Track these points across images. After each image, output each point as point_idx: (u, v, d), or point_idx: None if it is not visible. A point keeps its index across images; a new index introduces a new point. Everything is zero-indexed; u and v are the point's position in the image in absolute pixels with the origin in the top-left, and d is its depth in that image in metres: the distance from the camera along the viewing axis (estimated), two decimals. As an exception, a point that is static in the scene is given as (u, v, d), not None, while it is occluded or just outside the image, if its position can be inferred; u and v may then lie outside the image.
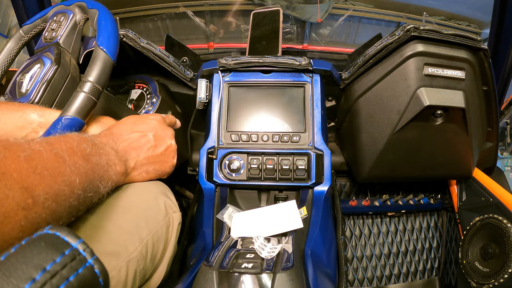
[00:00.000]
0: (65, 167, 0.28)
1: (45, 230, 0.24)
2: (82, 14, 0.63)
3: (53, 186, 0.26)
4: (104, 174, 0.35)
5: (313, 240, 0.62)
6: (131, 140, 0.44)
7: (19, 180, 0.23)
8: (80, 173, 0.29)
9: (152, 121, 0.48)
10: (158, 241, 0.54)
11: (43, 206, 0.24)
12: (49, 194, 0.25)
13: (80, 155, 0.31)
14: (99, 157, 0.34)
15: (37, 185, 0.24)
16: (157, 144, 0.47)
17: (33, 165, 0.24)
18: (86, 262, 0.24)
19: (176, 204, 0.60)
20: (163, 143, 0.48)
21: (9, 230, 0.22)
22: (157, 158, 0.47)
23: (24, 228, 0.23)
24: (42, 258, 0.22)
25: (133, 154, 0.43)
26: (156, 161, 0.47)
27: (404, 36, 0.72)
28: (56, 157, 0.27)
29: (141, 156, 0.44)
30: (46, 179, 0.25)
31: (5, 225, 0.21)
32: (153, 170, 0.47)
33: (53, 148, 0.28)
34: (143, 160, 0.45)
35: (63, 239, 0.24)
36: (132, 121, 0.46)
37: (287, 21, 1.94)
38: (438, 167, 0.90)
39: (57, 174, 0.26)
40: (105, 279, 0.25)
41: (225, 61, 0.80)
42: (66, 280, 0.22)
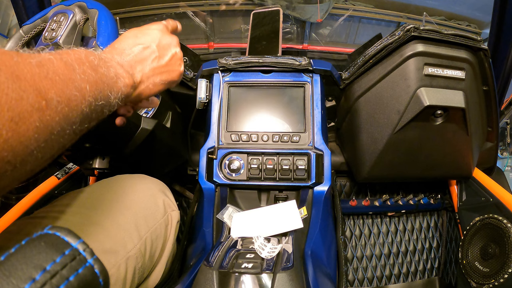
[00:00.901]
0: (75, 74, 0.29)
1: (45, 230, 0.24)
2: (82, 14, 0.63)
3: (65, 91, 0.26)
4: (113, 85, 0.35)
5: (313, 240, 0.62)
6: (135, 53, 0.43)
7: (32, 83, 0.23)
8: (90, 81, 0.30)
9: (154, 31, 0.47)
10: (157, 239, 0.54)
11: (56, 109, 0.25)
12: (61, 98, 0.26)
13: (88, 65, 0.31)
14: (107, 69, 0.35)
15: (50, 89, 0.25)
16: (162, 54, 0.46)
17: (45, 70, 0.25)
18: (86, 262, 0.24)
19: (175, 203, 0.61)
20: (168, 52, 0.47)
21: (24, 130, 0.22)
22: (163, 68, 0.46)
23: (39, 129, 0.24)
24: (42, 258, 0.22)
25: (139, 68, 0.43)
26: (163, 71, 0.46)
27: (404, 36, 0.72)
28: (66, 65, 0.28)
29: (146, 69, 0.44)
30: (57, 84, 0.26)
31: (20, 125, 0.22)
32: (159, 81, 0.46)
33: (62, 57, 0.29)
34: (149, 72, 0.44)
35: (63, 239, 0.24)
36: (133, 34, 0.45)
37: (287, 21, 1.94)
38: (438, 167, 0.90)
39: (68, 80, 0.27)
40: (105, 279, 0.25)
41: (225, 61, 0.80)
42: (66, 280, 0.22)
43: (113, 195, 0.52)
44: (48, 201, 0.79)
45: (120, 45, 0.44)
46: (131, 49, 0.43)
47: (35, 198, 0.79)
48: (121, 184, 0.55)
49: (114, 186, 0.54)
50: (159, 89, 0.47)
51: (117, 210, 0.49)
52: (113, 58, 0.39)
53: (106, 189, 0.53)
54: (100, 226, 0.46)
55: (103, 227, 0.46)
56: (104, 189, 0.53)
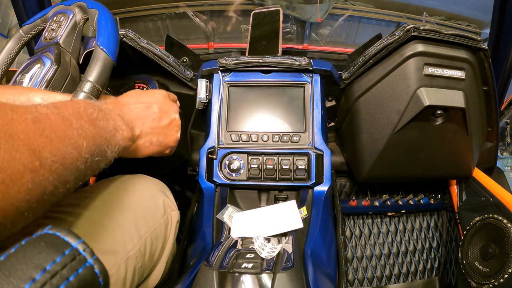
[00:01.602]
0: (72, 130, 0.28)
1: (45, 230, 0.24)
2: (82, 14, 0.63)
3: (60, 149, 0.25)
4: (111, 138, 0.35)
5: (313, 240, 0.62)
6: (137, 109, 0.44)
7: (26, 142, 0.22)
8: (87, 137, 0.29)
9: (157, 95, 0.48)
10: (157, 239, 0.54)
11: (50, 169, 0.24)
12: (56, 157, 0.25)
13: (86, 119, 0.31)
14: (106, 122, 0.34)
15: (44, 148, 0.24)
16: (162, 117, 0.47)
17: (41, 127, 0.24)
18: (86, 262, 0.24)
19: (175, 203, 0.61)
20: (167, 116, 0.49)
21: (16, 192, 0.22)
22: (161, 130, 0.47)
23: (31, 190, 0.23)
24: (42, 258, 0.22)
25: (139, 123, 0.44)
26: (160, 132, 0.47)
27: (404, 36, 0.72)
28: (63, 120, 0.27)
29: (146, 126, 0.45)
30: (53, 141, 0.25)
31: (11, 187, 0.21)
32: (156, 141, 0.47)
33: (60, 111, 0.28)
34: (148, 130, 0.45)
35: (63, 239, 0.24)
36: (137, 93, 0.47)
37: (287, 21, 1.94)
38: (438, 167, 0.90)
39: (64, 137, 0.26)
40: (105, 279, 0.25)
41: (225, 61, 0.80)
42: (66, 280, 0.22)
43: (113, 195, 0.52)
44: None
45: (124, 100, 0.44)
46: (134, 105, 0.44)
47: (35, 198, 0.78)
48: (121, 184, 0.55)
49: (114, 186, 0.54)
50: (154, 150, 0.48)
51: (117, 210, 0.49)
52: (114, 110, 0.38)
53: (106, 189, 0.53)
54: (100, 226, 0.46)
55: (103, 227, 0.46)
56: (104, 189, 0.53)
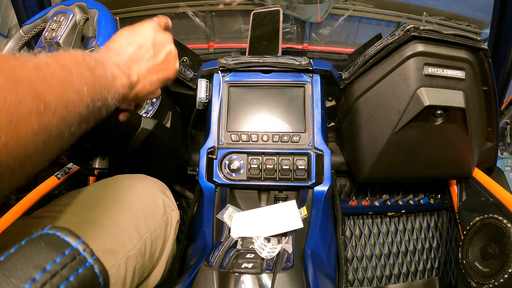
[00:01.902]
0: (73, 76, 0.29)
1: (45, 230, 0.24)
2: (82, 14, 0.63)
3: (62, 93, 0.27)
4: (110, 86, 0.35)
5: (313, 240, 0.62)
6: (130, 53, 0.43)
7: (30, 86, 0.23)
8: (87, 83, 0.30)
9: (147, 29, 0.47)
10: (157, 239, 0.54)
11: (54, 112, 0.25)
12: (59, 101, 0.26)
13: (85, 67, 0.31)
14: (104, 71, 0.35)
15: (47, 92, 0.25)
16: (157, 52, 0.46)
17: (42, 73, 0.25)
18: (86, 262, 0.24)
19: (175, 203, 0.61)
20: (162, 50, 0.47)
21: (23, 134, 0.22)
22: (159, 67, 0.46)
23: (37, 132, 0.24)
24: (42, 258, 0.22)
25: (135, 67, 0.43)
26: (159, 69, 0.46)
27: (404, 36, 0.72)
28: (63, 68, 0.28)
29: (142, 68, 0.44)
30: (55, 86, 0.26)
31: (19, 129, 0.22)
32: (156, 79, 0.46)
33: (59, 60, 0.29)
34: (145, 72, 0.44)
35: (63, 239, 0.24)
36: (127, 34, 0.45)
37: (287, 21, 1.94)
38: (438, 167, 0.90)
39: (65, 83, 0.27)
40: (105, 279, 0.25)
41: (225, 61, 0.80)
42: (66, 280, 0.22)
43: (113, 195, 0.52)
44: (48, 201, 0.79)
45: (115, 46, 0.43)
46: (126, 49, 0.43)
47: (35, 198, 0.79)
48: (121, 184, 0.55)
49: (114, 186, 0.54)
50: (156, 87, 0.47)
51: (117, 210, 0.49)
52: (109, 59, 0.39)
53: (106, 189, 0.53)
54: (100, 226, 0.46)
55: (103, 227, 0.46)
56: (104, 189, 0.53)
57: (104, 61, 0.37)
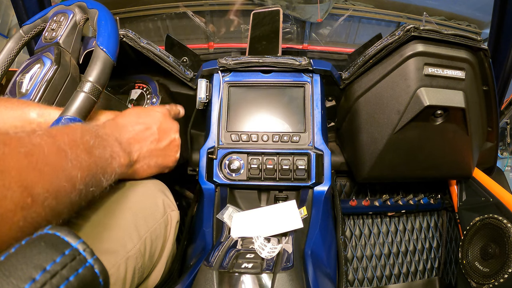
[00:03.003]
0: (67, 161, 0.27)
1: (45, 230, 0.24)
2: (82, 14, 0.63)
3: (53, 183, 0.25)
4: (107, 167, 0.34)
5: (313, 240, 0.62)
6: (135, 132, 0.43)
7: (18, 179, 0.22)
8: (82, 168, 0.28)
9: (156, 113, 0.47)
10: (157, 239, 0.54)
11: (42, 204, 0.24)
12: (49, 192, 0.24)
13: (83, 148, 0.30)
14: (103, 150, 0.33)
15: (37, 183, 0.23)
16: (161, 138, 0.46)
17: (33, 161, 0.23)
18: (86, 262, 0.24)
19: (174, 203, 0.61)
20: (167, 137, 0.48)
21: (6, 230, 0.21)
22: (160, 152, 0.46)
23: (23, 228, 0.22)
24: (42, 258, 0.22)
25: (137, 147, 0.43)
26: (159, 154, 0.46)
27: (404, 36, 0.72)
28: (57, 151, 0.26)
29: (144, 149, 0.44)
30: (46, 175, 0.24)
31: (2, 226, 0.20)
32: (155, 163, 0.46)
33: (55, 141, 0.27)
34: (145, 153, 0.44)
35: (63, 239, 0.24)
36: (136, 113, 0.45)
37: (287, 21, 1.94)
38: (438, 167, 0.90)
39: (58, 170, 0.26)
40: (105, 279, 0.25)
41: (225, 61, 0.80)
42: (66, 280, 0.22)
43: (112, 195, 0.52)
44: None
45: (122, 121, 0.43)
46: (133, 127, 0.43)
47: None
48: (120, 184, 0.55)
49: (114, 186, 0.54)
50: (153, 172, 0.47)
51: (116, 210, 0.49)
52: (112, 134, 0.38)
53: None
54: (100, 226, 0.46)
55: (103, 227, 0.46)
56: None
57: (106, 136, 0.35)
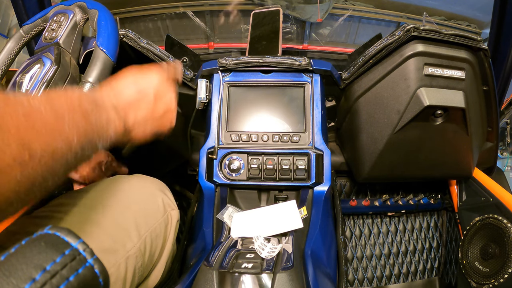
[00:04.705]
0: (64, 125, 0.28)
1: (45, 230, 0.24)
2: (82, 14, 0.63)
3: (50, 143, 0.26)
4: (103, 133, 0.34)
5: (313, 240, 0.62)
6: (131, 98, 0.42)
7: (16, 136, 0.23)
8: (79, 132, 0.29)
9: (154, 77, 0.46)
10: (157, 238, 0.54)
11: (39, 162, 0.25)
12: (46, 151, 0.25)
13: (80, 114, 0.30)
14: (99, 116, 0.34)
15: (34, 141, 0.24)
16: (157, 102, 0.45)
17: (31, 121, 0.24)
18: (86, 262, 0.24)
19: (174, 202, 0.61)
20: (162, 101, 0.46)
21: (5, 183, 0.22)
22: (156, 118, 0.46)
23: (20, 182, 0.23)
24: (42, 258, 0.22)
25: (132, 114, 0.42)
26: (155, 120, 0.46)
27: (404, 36, 0.72)
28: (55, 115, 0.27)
29: (139, 116, 0.43)
30: (43, 135, 0.25)
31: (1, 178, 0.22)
32: (150, 130, 0.46)
33: (53, 105, 0.28)
34: (141, 120, 0.44)
35: (63, 239, 0.24)
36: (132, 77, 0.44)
37: (287, 21, 1.94)
38: (438, 167, 0.90)
39: (55, 131, 0.27)
40: (105, 279, 0.25)
41: (225, 61, 0.80)
42: (66, 280, 0.22)
43: (112, 194, 0.52)
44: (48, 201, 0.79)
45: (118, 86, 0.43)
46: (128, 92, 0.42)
47: (35, 198, 0.78)
48: (120, 184, 0.55)
49: (114, 186, 0.54)
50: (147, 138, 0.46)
51: (116, 210, 0.49)
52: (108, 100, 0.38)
53: (106, 188, 0.53)
54: (100, 225, 0.46)
55: (103, 226, 0.46)
56: (104, 188, 0.53)
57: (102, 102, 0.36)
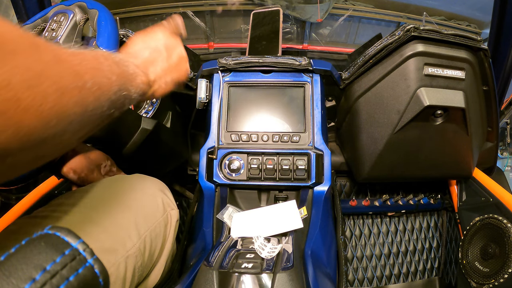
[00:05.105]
0: (103, 65, 0.33)
1: (45, 230, 0.24)
2: (82, 14, 0.63)
3: (96, 77, 0.30)
4: (133, 80, 0.39)
5: (313, 240, 0.62)
6: (146, 56, 0.47)
7: (70, 66, 0.27)
8: (115, 73, 0.34)
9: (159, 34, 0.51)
10: (156, 238, 0.54)
11: (90, 90, 0.29)
12: (93, 81, 0.29)
13: (112, 61, 0.35)
14: (127, 67, 0.39)
15: (84, 73, 0.29)
16: (170, 55, 0.50)
17: (78, 58, 0.29)
18: (86, 262, 0.24)
19: (174, 202, 0.61)
20: (174, 53, 0.51)
21: (66, 101, 0.26)
22: (172, 68, 0.50)
23: (77, 102, 0.27)
24: (42, 258, 0.22)
25: (151, 68, 0.46)
26: (172, 70, 0.50)
27: (404, 36, 0.72)
28: (94, 58, 0.32)
29: (158, 69, 0.47)
30: (90, 70, 0.30)
31: (63, 96, 0.25)
32: (170, 80, 0.49)
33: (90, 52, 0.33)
34: (161, 73, 0.48)
35: (63, 239, 0.24)
36: (141, 40, 0.49)
37: (287, 21, 1.94)
38: (438, 167, 0.90)
39: (98, 69, 0.31)
40: (105, 279, 0.25)
41: (225, 61, 0.80)
42: (66, 280, 0.22)
43: (112, 194, 0.52)
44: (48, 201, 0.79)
45: (132, 49, 0.47)
46: (142, 53, 0.47)
47: (35, 198, 0.79)
48: (120, 183, 0.55)
49: (114, 186, 0.54)
50: (170, 88, 0.50)
51: (116, 209, 0.49)
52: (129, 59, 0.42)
53: (106, 188, 0.53)
54: (100, 225, 0.46)
55: (103, 226, 0.46)
56: (104, 188, 0.53)
57: (125, 59, 0.40)
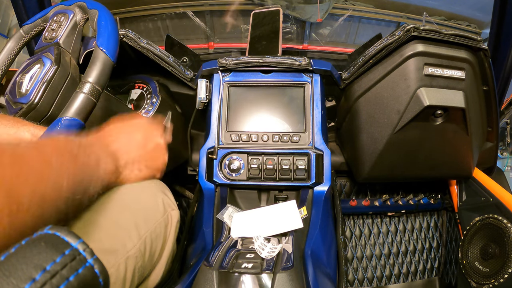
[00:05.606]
0: (51, 170, 0.27)
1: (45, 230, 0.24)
2: (82, 14, 0.63)
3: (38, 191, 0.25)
4: (93, 174, 0.35)
5: (313, 240, 0.62)
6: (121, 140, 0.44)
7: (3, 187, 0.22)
8: (68, 176, 0.29)
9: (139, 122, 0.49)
10: (157, 238, 0.54)
11: (27, 211, 0.24)
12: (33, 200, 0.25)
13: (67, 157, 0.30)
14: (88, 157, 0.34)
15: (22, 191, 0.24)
16: (146, 143, 0.48)
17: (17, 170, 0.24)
18: (86, 262, 0.24)
19: (174, 202, 0.61)
20: (152, 141, 0.49)
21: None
22: (148, 155, 0.48)
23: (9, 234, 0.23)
24: (42, 258, 0.22)
25: (124, 154, 0.44)
26: (148, 158, 0.48)
27: (404, 36, 0.72)
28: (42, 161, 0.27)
29: (131, 154, 0.45)
30: (31, 184, 0.25)
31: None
32: (145, 167, 0.47)
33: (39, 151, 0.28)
34: (134, 158, 0.45)
35: (63, 239, 0.24)
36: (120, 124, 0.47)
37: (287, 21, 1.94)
38: (438, 167, 0.90)
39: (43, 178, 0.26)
40: (105, 279, 0.25)
41: (225, 61, 0.80)
42: (66, 280, 0.22)
43: (112, 194, 0.52)
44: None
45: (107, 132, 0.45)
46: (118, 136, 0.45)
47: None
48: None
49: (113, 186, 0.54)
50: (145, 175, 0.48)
51: (116, 210, 0.49)
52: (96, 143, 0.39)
53: None
54: (100, 225, 0.46)
55: (103, 226, 0.46)
56: None
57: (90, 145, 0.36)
